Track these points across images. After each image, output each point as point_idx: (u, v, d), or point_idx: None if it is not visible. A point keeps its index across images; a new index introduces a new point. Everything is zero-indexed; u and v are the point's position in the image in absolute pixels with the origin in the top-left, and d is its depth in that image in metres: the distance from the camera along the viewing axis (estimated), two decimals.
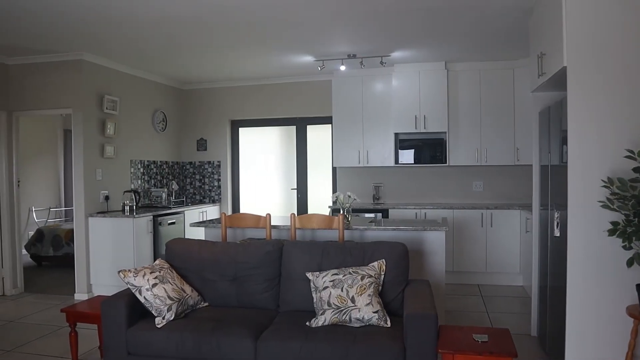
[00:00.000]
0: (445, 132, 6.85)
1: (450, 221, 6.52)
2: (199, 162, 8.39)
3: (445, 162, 6.85)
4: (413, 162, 6.98)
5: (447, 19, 4.92)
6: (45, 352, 4.39)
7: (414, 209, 6.73)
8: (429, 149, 6.91)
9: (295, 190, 8.10)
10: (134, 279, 3.48)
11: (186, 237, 6.54)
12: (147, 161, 7.45)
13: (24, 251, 7.69)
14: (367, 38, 5.63)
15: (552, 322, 3.89)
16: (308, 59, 6.55)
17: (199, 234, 6.13)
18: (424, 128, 6.86)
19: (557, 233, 3.66)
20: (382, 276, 3.55)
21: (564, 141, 3.46)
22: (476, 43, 5.84)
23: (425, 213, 6.69)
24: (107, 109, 6.46)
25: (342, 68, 6.72)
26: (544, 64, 3.82)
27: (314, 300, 3.48)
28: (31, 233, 8.49)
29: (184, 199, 7.88)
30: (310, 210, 7.91)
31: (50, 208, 9.61)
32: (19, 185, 6.44)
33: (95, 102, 6.33)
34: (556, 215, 3.67)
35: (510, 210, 6.49)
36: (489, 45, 5.95)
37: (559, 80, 3.61)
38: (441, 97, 6.82)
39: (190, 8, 4.53)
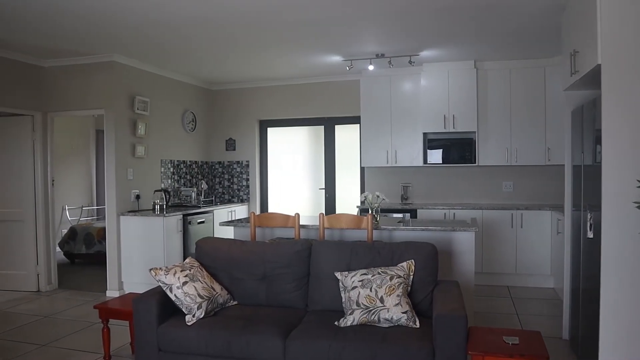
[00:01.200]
0: (474, 132, 6.78)
1: (479, 221, 6.46)
2: (228, 161, 8.47)
3: (475, 162, 6.77)
4: (442, 162, 6.92)
5: (477, 17, 4.87)
6: (78, 347, 4.49)
7: (443, 209, 6.68)
8: (458, 148, 6.84)
9: (324, 190, 8.11)
10: (165, 277, 3.53)
11: (215, 236, 6.64)
12: (177, 161, 7.55)
13: (58, 249, 7.86)
14: (395, 37, 5.61)
15: (584, 325, 3.82)
16: (336, 58, 6.56)
17: (228, 233, 6.20)
18: (453, 128, 6.80)
19: (590, 235, 3.58)
20: (411, 276, 3.54)
21: (597, 141, 3.39)
22: (506, 41, 5.76)
23: (454, 213, 6.63)
24: (138, 109, 6.57)
25: (371, 68, 6.71)
26: (577, 62, 3.75)
27: (343, 300, 3.48)
28: (64, 231, 8.69)
29: (213, 199, 7.96)
30: (338, 210, 7.91)
31: (82, 207, 9.81)
32: (53, 184, 6.60)
33: (126, 102, 6.45)
34: (589, 217, 3.60)
35: (541, 211, 6.38)
36: (519, 43, 5.87)
37: (593, 79, 3.54)
38: (470, 96, 6.75)
39: (219, 10, 4.58)
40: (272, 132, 8.45)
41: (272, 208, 8.36)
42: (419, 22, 5.05)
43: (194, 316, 3.44)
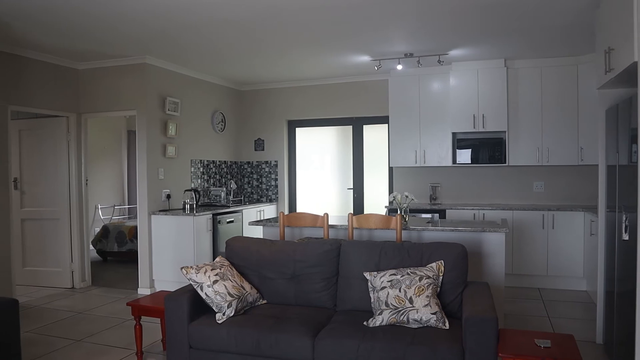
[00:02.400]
0: (504, 132, 6.69)
1: (509, 222, 6.37)
2: (257, 161, 8.53)
3: (505, 162, 6.69)
4: (471, 162, 6.85)
5: (508, 15, 4.80)
6: (111, 342, 4.59)
7: (472, 209, 6.61)
8: (488, 148, 6.77)
9: (352, 190, 8.11)
10: (196, 276, 3.58)
11: (244, 235, 6.70)
12: (207, 161, 7.64)
13: (91, 247, 8.04)
14: (424, 37, 5.58)
15: (619, 329, 3.74)
16: (365, 58, 6.55)
17: (257, 232, 6.26)
18: (483, 127, 6.73)
19: (625, 236, 3.51)
20: (441, 277, 3.51)
21: (633, 140, 3.32)
22: (537, 39, 5.67)
23: (483, 214, 6.56)
24: (168, 110, 6.67)
25: (399, 67, 6.68)
26: (611, 60, 3.67)
27: (372, 300, 3.48)
28: (97, 230, 8.88)
29: (242, 198, 8.03)
30: (367, 210, 7.90)
31: (114, 206, 10.02)
32: (87, 184, 6.75)
33: (157, 104, 6.55)
34: (625, 218, 3.53)
35: (573, 211, 6.26)
36: (551, 41, 5.77)
37: (628, 77, 3.47)
38: (500, 95, 6.67)
39: (248, 11, 4.62)
40: (300, 132, 8.49)
41: (300, 208, 8.39)
42: (448, 21, 5.02)
43: (224, 314, 3.48)
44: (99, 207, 9.59)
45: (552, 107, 6.58)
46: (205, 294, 3.54)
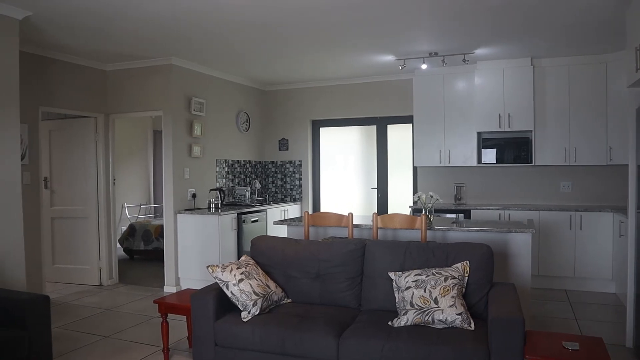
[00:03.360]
0: (530, 131, 6.61)
1: (536, 223, 6.29)
2: (281, 161, 8.57)
3: (531, 162, 6.60)
4: (496, 161, 6.78)
5: (535, 12, 4.74)
6: (138, 339, 4.66)
7: (498, 209, 6.54)
8: (514, 148, 6.69)
9: (376, 190, 8.10)
10: (222, 274, 3.62)
11: (269, 234, 6.74)
12: (232, 160, 7.70)
13: (118, 245, 8.16)
14: (449, 36, 5.54)
15: None
16: (389, 58, 6.53)
17: (281, 231, 6.29)
18: (509, 127, 6.65)
19: None
20: (466, 278, 3.49)
21: None
22: (565, 37, 5.59)
23: (509, 214, 6.48)
24: (194, 110, 6.74)
25: (424, 67, 6.64)
26: None
27: (397, 300, 3.47)
28: (124, 228, 9.02)
29: (266, 198, 8.08)
30: (391, 210, 7.88)
31: (140, 205, 10.16)
32: (114, 183, 6.86)
33: (183, 104, 6.63)
34: None
35: (602, 212, 6.16)
36: (579, 39, 5.67)
37: None
38: (527, 94, 6.58)
39: (273, 13, 4.65)
40: (324, 132, 8.50)
41: (324, 207, 8.41)
42: (473, 20, 4.98)
43: (249, 313, 3.51)
44: (126, 206, 9.74)
45: (580, 106, 6.47)
46: (231, 292, 3.57)
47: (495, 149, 6.77)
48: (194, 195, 6.78)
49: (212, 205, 6.54)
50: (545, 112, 6.60)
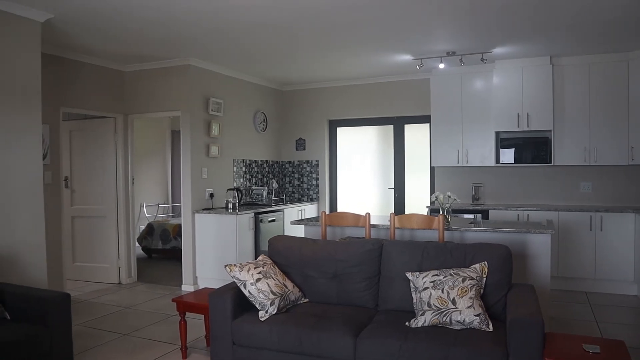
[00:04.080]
0: (550, 131, 6.53)
1: (555, 223, 6.22)
2: (298, 161, 8.59)
3: (550, 162, 6.53)
4: (514, 161, 6.71)
5: (555, 10, 4.68)
6: (157, 337, 4.71)
7: (516, 210, 6.48)
8: (533, 147, 6.62)
9: (393, 190, 8.07)
10: (239, 273, 3.64)
11: (286, 234, 6.75)
12: (249, 160, 7.74)
13: (137, 244, 8.24)
14: (467, 35, 5.51)
15: None
16: (406, 57, 6.51)
17: (298, 231, 6.30)
18: (527, 126, 6.59)
19: None
20: (484, 279, 3.47)
21: None
22: (586, 35, 5.51)
23: (527, 215, 6.42)
24: (212, 110, 6.79)
25: (441, 66, 6.61)
26: None
27: (414, 300, 3.46)
28: (142, 227, 9.11)
29: (283, 197, 8.10)
30: (408, 210, 7.85)
31: (159, 204, 10.25)
32: (133, 182, 6.93)
33: (201, 104, 6.68)
34: None
35: (623, 213, 6.07)
36: (599, 37, 5.59)
37: None
38: (546, 93, 6.51)
39: (291, 13, 4.66)
40: (341, 131, 8.50)
41: (341, 207, 8.41)
42: (491, 18, 4.93)
43: (266, 312, 3.53)
44: (144, 205, 9.83)
45: (600, 105, 6.39)
46: (249, 291, 3.59)
47: (513, 149, 6.71)
48: (211, 195, 6.83)
49: (230, 205, 6.58)
50: (564, 112, 6.53)
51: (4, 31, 4.32)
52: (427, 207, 7.00)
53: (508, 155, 6.75)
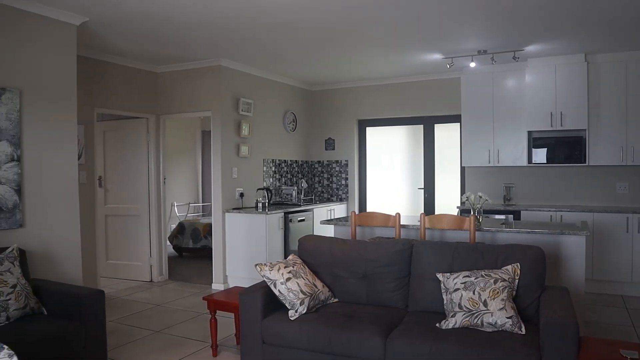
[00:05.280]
0: (584, 130, 6.39)
1: (590, 225, 6.07)
2: (327, 161, 8.59)
3: (585, 162, 6.39)
4: (547, 161, 6.59)
5: (589, 5, 4.57)
6: (187, 334, 4.77)
7: (549, 211, 6.36)
8: (566, 147, 6.49)
9: (422, 190, 8.01)
10: (270, 273, 3.66)
11: (315, 234, 6.76)
12: (279, 160, 7.78)
13: (168, 242, 8.36)
14: (499, 32, 5.42)
15: None
16: (436, 56, 6.45)
17: (327, 231, 6.31)
18: (561, 125, 6.46)
19: None
20: (516, 280, 3.42)
21: None
22: (622, 31, 5.36)
23: (561, 216, 6.30)
24: (242, 111, 6.84)
25: (472, 65, 6.53)
26: None
27: (445, 301, 3.43)
28: (173, 226, 9.24)
29: (313, 197, 8.11)
30: (437, 211, 7.78)
31: (189, 203, 10.38)
32: (164, 182, 7.04)
33: (231, 104, 6.74)
34: None
35: None
36: (637, 33, 5.44)
37: None
38: (580, 91, 6.37)
39: (321, 13, 4.67)
40: (370, 131, 8.47)
41: (370, 207, 8.38)
42: (524, 15, 4.85)
43: (296, 311, 3.54)
44: (175, 204, 9.97)
45: (637, 103, 6.21)
46: (279, 291, 3.61)
47: (546, 149, 6.59)
48: (241, 195, 6.88)
49: (260, 205, 6.62)
50: (600, 110, 6.37)
51: (42, 35, 4.44)
52: (458, 207, 6.92)
53: (540, 155, 6.62)
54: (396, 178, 8.32)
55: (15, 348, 2.87)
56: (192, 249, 8.66)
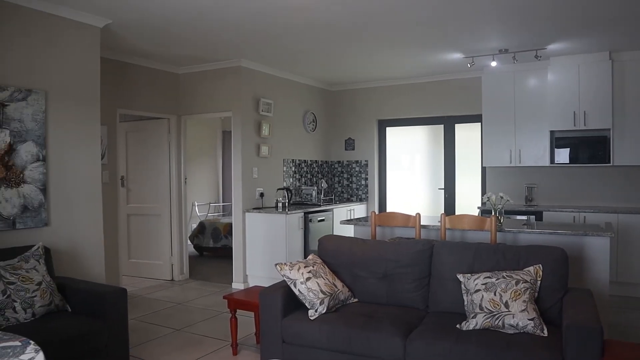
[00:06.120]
0: (608, 129, 6.29)
1: (614, 226, 5.97)
2: (347, 161, 8.59)
3: (609, 162, 6.28)
4: (570, 161, 6.49)
5: (614, 1, 4.49)
6: (208, 333, 4.81)
7: (572, 212, 6.27)
8: (589, 147, 6.39)
9: (443, 190, 7.96)
10: (290, 272, 3.67)
11: (335, 234, 6.77)
12: (298, 160, 7.80)
13: (188, 242, 8.44)
14: (520, 31, 5.36)
15: None
16: (457, 56, 6.41)
17: (346, 231, 6.31)
18: (584, 125, 6.36)
19: None
20: (539, 282, 3.38)
21: None
22: None
23: (584, 217, 6.21)
24: (262, 111, 6.87)
25: (493, 64, 6.47)
26: None
27: (465, 302, 3.41)
28: (194, 226, 9.32)
29: (333, 197, 8.11)
30: (458, 211, 7.72)
31: (210, 203, 10.46)
32: (185, 182, 7.10)
33: (252, 105, 6.78)
34: None
35: None
36: None
37: None
38: (604, 90, 6.26)
39: (341, 13, 4.67)
40: (390, 131, 8.45)
41: (390, 207, 8.36)
42: (547, 13, 4.79)
43: (316, 311, 3.55)
44: (196, 204, 10.06)
45: None
46: (299, 290, 3.62)
47: (569, 149, 6.50)
48: (261, 194, 6.91)
49: (280, 204, 6.65)
50: (625, 109, 6.26)
51: (67, 37, 4.52)
52: (478, 208, 6.87)
53: (563, 155, 6.54)
54: (416, 178, 8.28)
55: (41, 344, 2.93)
56: (213, 248, 8.73)
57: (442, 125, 7.96)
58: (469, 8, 4.59)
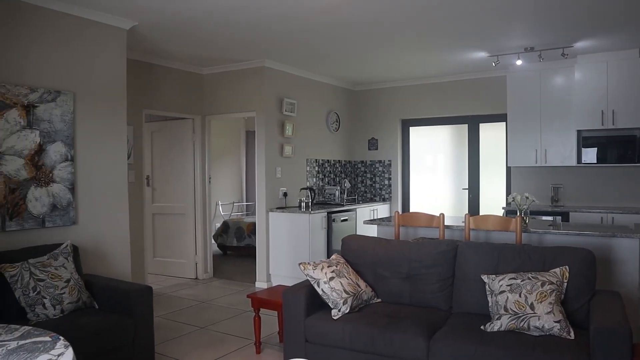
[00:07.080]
0: (638, 129, 6.15)
1: None
2: (370, 161, 8.57)
3: (638, 162, 6.15)
4: (598, 161, 6.38)
5: None
6: (232, 331, 4.85)
7: (599, 212, 6.16)
8: (618, 147, 6.27)
9: (467, 190, 7.89)
10: (313, 272, 3.68)
11: (358, 234, 6.76)
12: (322, 160, 7.81)
13: (212, 241, 8.52)
14: (547, 29, 5.29)
15: None
16: (481, 55, 6.35)
17: (370, 231, 6.30)
18: (613, 124, 6.24)
19: None
20: (565, 284, 3.33)
21: None
22: None
23: (612, 217, 6.09)
24: (285, 111, 6.90)
25: (519, 63, 6.39)
26: None
27: (490, 304, 3.37)
28: (218, 225, 9.40)
29: (356, 197, 8.10)
30: (482, 212, 7.65)
31: (233, 203, 10.54)
32: (209, 181, 7.17)
33: (275, 105, 6.81)
34: None
35: None
36: None
37: None
38: (634, 89, 6.14)
39: (365, 13, 4.66)
40: (414, 131, 8.40)
41: (413, 207, 8.32)
42: (574, 10, 4.71)
43: (339, 311, 3.55)
44: (220, 203, 10.14)
45: None
46: (322, 290, 3.63)
47: (596, 148, 6.38)
48: (285, 194, 6.94)
49: (303, 204, 6.67)
50: None
51: (94, 39, 4.60)
52: (503, 208, 6.79)
53: (590, 155, 6.42)
54: (440, 178, 8.23)
55: (70, 339, 3.00)
56: (236, 247, 8.79)
57: (466, 125, 7.89)
58: (495, 5, 4.54)
